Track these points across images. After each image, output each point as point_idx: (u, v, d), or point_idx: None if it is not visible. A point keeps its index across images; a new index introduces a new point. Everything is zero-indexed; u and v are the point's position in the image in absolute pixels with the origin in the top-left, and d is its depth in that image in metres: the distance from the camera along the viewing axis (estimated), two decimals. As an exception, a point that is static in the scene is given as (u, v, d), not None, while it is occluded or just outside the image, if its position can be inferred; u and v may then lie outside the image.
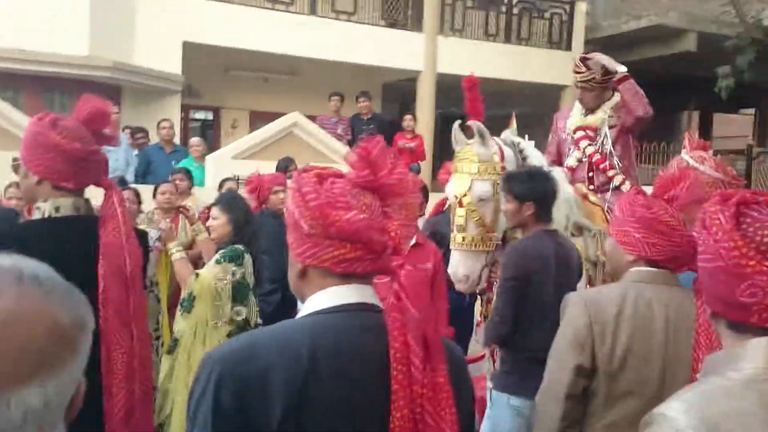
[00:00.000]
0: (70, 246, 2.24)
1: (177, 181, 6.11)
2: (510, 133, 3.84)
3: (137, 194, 5.44)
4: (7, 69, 9.87)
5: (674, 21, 13.95)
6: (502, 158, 3.51)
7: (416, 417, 1.28)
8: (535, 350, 3.07)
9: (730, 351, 1.15)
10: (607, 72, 4.16)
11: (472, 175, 3.49)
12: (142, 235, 2.57)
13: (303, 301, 1.44)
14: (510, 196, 3.21)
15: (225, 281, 3.49)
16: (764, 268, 1.10)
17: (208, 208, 4.30)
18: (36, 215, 2.33)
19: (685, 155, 2.98)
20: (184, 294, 3.54)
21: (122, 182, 6.40)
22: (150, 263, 2.71)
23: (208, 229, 3.93)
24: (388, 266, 1.36)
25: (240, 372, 1.25)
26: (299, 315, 1.40)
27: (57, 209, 2.28)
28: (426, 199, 4.35)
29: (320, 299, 1.38)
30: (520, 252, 3.17)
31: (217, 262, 3.54)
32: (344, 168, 1.44)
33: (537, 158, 3.75)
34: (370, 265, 1.36)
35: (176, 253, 3.72)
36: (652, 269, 2.01)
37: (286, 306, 4.49)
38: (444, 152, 3.73)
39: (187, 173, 6.58)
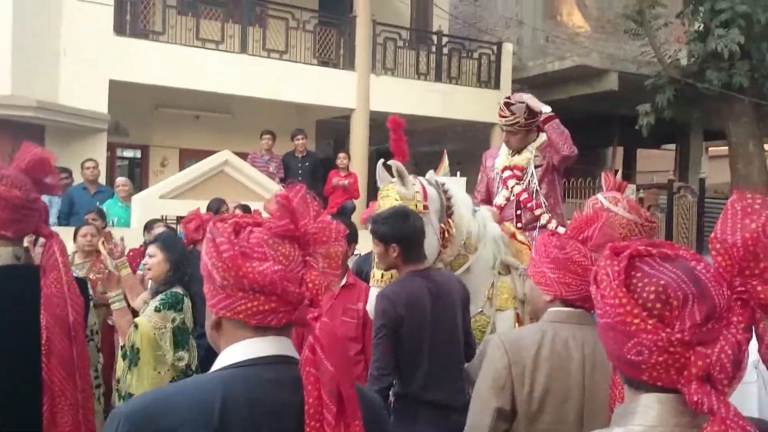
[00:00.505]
0: (10, 296, 2.23)
1: (90, 221, 6.00)
2: (442, 172, 3.86)
3: (57, 238, 5.27)
4: (-75, 109, 9.52)
5: (596, 62, 14.60)
6: (426, 197, 3.53)
7: None
8: (418, 392, 3.01)
9: (626, 406, 1.13)
10: (531, 114, 4.23)
11: None
12: (83, 284, 2.54)
13: (219, 352, 1.40)
14: (376, 239, 3.12)
15: (163, 329, 3.43)
16: (649, 327, 1.05)
17: (140, 248, 4.19)
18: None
19: (600, 196, 3.04)
20: (126, 346, 3.46)
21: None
22: (90, 312, 2.67)
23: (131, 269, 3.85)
24: (304, 318, 1.34)
25: (147, 429, 1.21)
26: (213, 368, 1.37)
27: None
28: (355, 240, 4.33)
29: (234, 352, 1.35)
30: (388, 298, 3.02)
31: (156, 310, 3.47)
32: None
33: (461, 197, 3.78)
34: (285, 317, 1.33)
35: (117, 303, 3.65)
36: (569, 309, 2.04)
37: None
38: (378, 189, 3.74)
39: (100, 213, 6.48)
